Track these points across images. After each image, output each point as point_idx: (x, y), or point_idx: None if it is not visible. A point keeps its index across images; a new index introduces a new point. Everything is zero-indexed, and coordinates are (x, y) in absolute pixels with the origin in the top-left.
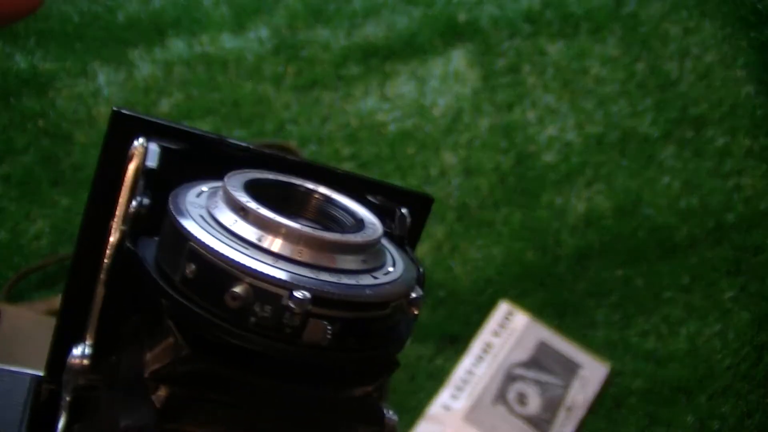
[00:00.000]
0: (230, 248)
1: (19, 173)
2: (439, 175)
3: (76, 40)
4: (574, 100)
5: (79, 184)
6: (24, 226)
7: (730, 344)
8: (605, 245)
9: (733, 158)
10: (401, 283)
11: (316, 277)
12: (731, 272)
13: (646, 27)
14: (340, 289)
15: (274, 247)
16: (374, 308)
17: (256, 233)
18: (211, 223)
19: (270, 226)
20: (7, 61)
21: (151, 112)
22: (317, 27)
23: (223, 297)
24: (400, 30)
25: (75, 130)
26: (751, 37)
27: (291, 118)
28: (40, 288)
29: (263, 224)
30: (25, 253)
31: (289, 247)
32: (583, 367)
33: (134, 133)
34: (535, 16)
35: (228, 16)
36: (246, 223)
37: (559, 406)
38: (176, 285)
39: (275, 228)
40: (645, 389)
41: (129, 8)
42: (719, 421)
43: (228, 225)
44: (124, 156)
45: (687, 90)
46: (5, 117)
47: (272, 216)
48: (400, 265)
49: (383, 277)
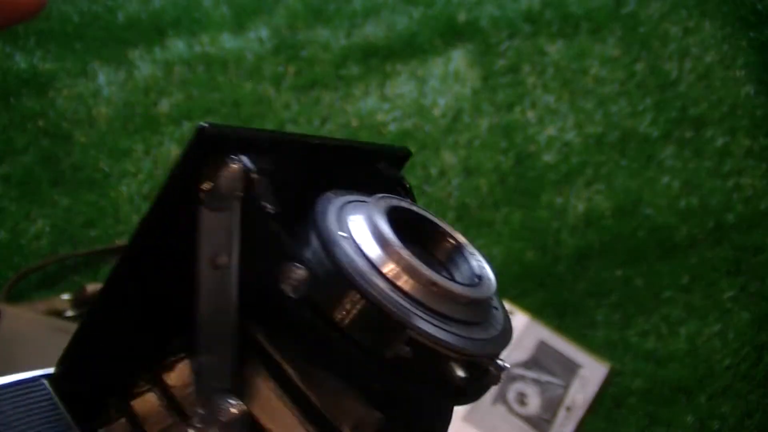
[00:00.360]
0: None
1: (19, 173)
2: (439, 175)
3: (76, 40)
4: (574, 100)
5: (79, 184)
6: (24, 226)
7: (730, 344)
8: (605, 245)
9: (732, 158)
10: (507, 334)
11: (467, 335)
12: (731, 272)
13: (646, 27)
14: (485, 347)
15: (430, 304)
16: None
17: (412, 287)
18: (376, 275)
19: (428, 283)
20: (7, 61)
21: (151, 112)
22: (317, 27)
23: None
24: (400, 30)
25: (75, 130)
26: (751, 37)
27: (291, 118)
28: (40, 288)
29: (422, 281)
30: (25, 253)
31: (438, 302)
32: (583, 367)
33: (224, 151)
34: (535, 16)
35: (228, 16)
36: (406, 278)
37: (558, 406)
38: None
39: (436, 288)
40: (645, 389)
41: (129, 8)
42: (719, 421)
43: (395, 281)
44: (203, 174)
45: (687, 90)
46: (5, 117)
47: (440, 280)
48: (499, 316)
49: (493, 330)
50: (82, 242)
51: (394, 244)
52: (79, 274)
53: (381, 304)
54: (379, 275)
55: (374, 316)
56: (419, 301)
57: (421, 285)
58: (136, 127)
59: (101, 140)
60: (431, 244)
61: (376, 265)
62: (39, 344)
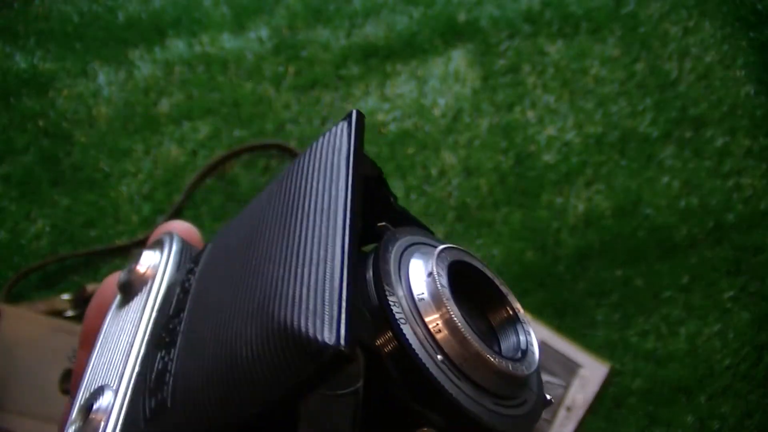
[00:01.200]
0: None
1: (19, 173)
2: (439, 175)
3: (76, 40)
4: (574, 100)
5: (79, 184)
6: (24, 226)
7: (730, 344)
8: (605, 245)
9: (732, 158)
10: (536, 413)
11: (496, 410)
12: (731, 272)
13: (646, 27)
14: (514, 425)
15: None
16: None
17: (463, 362)
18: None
19: (486, 365)
20: (7, 61)
21: (151, 112)
22: (317, 27)
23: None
24: (400, 30)
25: (75, 130)
26: (751, 37)
27: (291, 118)
28: (40, 288)
29: (481, 365)
30: (25, 253)
31: (482, 377)
32: (583, 367)
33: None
34: (535, 16)
35: (228, 16)
36: (459, 349)
37: (559, 406)
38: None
39: (480, 360)
40: (645, 389)
41: (129, 8)
42: (719, 421)
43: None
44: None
45: (686, 90)
46: (5, 117)
47: (500, 364)
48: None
49: (524, 407)
50: (82, 242)
51: (474, 344)
52: (79, 274)
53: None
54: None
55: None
56: (458, 367)
57: (464, 351)
58: (136, 127)
59: (101, 140)
60: (489, 307)
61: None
62: (39, 344)
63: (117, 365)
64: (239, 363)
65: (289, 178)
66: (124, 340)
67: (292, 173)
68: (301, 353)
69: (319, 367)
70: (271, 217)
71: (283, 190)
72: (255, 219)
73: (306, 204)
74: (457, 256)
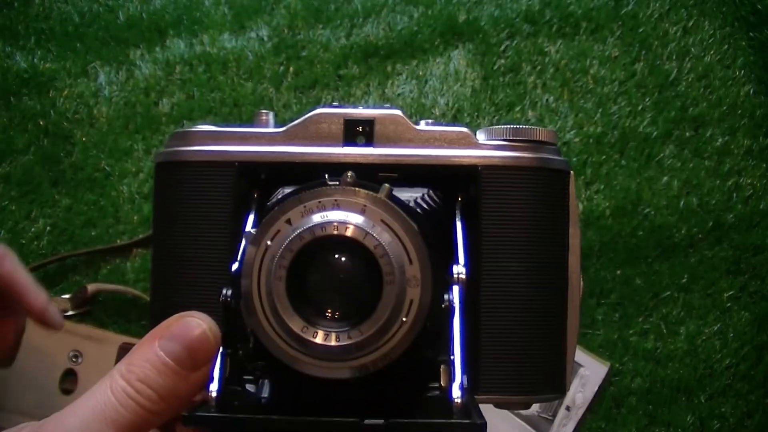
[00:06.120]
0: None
1: (19, 173)
2: None
3: (77, 40)
4: (574, 100)
5: (79, 184)
6: (24, 226)
7: (730, 344)
8: (605, 245)
9: (732, 158)
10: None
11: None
12: (731, 272)
13: (646, 27)
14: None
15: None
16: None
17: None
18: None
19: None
20: (8, 60)
21: (152, 111)
22: (317, 27)
23: None
24: (401, 30)
25: (75, 129)
26: (751, 37)
27: (291, 118)
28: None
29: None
30: (26, 252)
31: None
32: (583, 367)
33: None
34: (535, 16)
35: (228, 16)
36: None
37: (559, 406)
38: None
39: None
40: (645, 389)
41: (129, 8)
42: (719, 421)
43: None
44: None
45: (686, 90)
46: (5, 117)
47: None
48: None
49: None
50: (82, 242)
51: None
52: (79, 274)
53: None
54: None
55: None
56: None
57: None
58: (137, 126)
59: (102, 140)
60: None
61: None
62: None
63: None
64: None
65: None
66: None
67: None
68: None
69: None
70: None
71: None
72: None
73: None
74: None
